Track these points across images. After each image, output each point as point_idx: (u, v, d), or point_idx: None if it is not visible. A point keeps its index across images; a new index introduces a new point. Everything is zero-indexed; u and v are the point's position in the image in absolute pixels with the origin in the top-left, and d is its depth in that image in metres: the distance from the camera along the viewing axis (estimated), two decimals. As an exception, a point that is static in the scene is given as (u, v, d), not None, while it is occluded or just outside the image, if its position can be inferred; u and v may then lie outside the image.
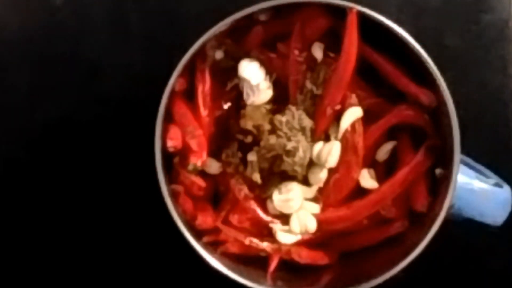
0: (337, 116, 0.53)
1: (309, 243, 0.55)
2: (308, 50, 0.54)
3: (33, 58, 0.62)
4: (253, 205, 0.54)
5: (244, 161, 0.54)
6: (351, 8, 0.51)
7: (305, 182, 0.53)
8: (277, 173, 0.53)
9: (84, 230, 0.62)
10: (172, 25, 0.61)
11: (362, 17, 0.51)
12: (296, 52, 0.53)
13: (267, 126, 0.53)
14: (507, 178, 0.57)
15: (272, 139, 0.52)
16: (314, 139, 0.53)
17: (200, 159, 0.54)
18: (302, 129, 0.52)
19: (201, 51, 0.53)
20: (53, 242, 0.62)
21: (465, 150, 0.52)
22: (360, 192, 0.54)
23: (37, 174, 0.62)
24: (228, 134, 0.54)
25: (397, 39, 0.51)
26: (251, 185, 0.53)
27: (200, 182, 0.55)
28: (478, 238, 0.60)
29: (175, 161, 0.55)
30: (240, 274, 0.52)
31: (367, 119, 0.53)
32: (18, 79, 0.62)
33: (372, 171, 0.54)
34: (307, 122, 0.53)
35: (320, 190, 0.54)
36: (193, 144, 0.54)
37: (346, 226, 0.54)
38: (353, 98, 0.53)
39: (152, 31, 0.61)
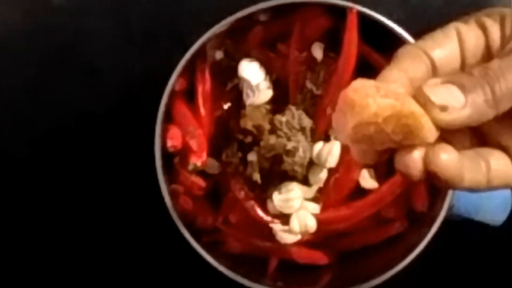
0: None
1: (309, 243, 0.55)
2: (308, 50, 0.54)
3: (33, 58, 0.62)
4: (253, 205, 0.54)
5: (244, 161, 0.54)
6: (351, 8, 0.51)
7: (305, 182, 0.53)
8: (277, 173, 0.53)
9: (84, 230, 0.62)
10: (172, 25, 0.61)
11: (362, 17, 0.51)
12: (296, 52, 0.53)
13: (267, 126, 0.53)
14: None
15: (272, 139, 0.52)
16: (314, 139, 0.53)
17: (200, 159, 0.54)
18: (302, 129, 0.52)
19: (201, 51, 0.53)
20: (53, 241, 0.62)
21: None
22: (360, 192, 0.54)
23: (37, 174, 0.62)
24: (228, 134, 0.54)
25: (397, 39, 0.51)
26: (251, 185, 0.53)
27: (200, 182, 0.55)
28: (478, 238, 0.60)
29: (175, 161, 0.55)
30: (240, 274, 0.52)
31: (367, 119, 0.53)
32: (18, 79, 0.62)
33: (372, 171, 0.54)
34: (307, 122, 0.53)
35: (320, 190, 0.54)
36: (193, 144, 0.54)
37: (346, 226, 0.54)
38: (353, 98, 0.53)
39: (152, 31, 0.61)
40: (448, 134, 0.33)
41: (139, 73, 0.61)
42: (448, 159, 0.31)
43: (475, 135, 0.34)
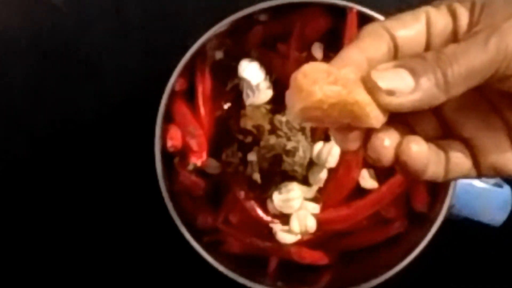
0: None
1: (309, 243, 0.55)
2: (308, 50, 0.54)
3: (33, 58, 0.62)
4: (253, 205, 0.54)
5: (244, 161, 0.54)
6: (351, 8, 0.51)
7: (305, 182, 0.53)
8: (277, 173, 0.53)
9: (85, 230, 0.62)
10: (172, 25, 0.61)
11: (362, 17, 0.51)
12: (296, 52, 0.53)
13: (267, 126, 0.53)
14: (507, 178, 0.57)
15: (272, 139, 0.52)
16: (314, 139, 0.53)
17: (200, 159, 0.54)
18: (302, 129, 0.52)
19: (201, 51, 0.53)
20: (54, 241, 0.62)
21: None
22: (360, 192, 0.54)
23: (37, 174, 0.62)
24: (228, 134, 0.54)
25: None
26: (251, 185, 0.53)
27: (200, 182, 0.55)
28: (478, 238, 0.60)
29: (175, 161, 0.55)
30: (240, 274, 0.52)
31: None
32: (19, 79, 0.62)
33: (372, 171, 0.54)
34: (307, 122, 0.53)
35: (320, 190, 0.54)
36: (193, 144, 0.54)
37: (346, 226, 0.54)
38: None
39: (152, 31, 0.61)
40: (413, 123, 0.33)
41: (139, 73, 0.61)
42: (418, 151, 0.31)
43: (440, 126, 0.34)
